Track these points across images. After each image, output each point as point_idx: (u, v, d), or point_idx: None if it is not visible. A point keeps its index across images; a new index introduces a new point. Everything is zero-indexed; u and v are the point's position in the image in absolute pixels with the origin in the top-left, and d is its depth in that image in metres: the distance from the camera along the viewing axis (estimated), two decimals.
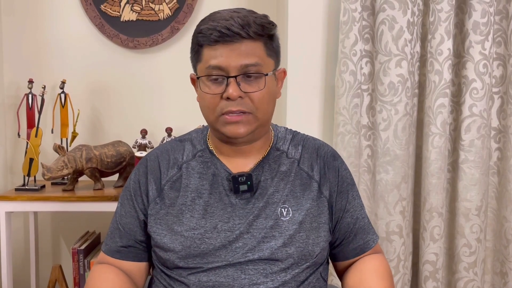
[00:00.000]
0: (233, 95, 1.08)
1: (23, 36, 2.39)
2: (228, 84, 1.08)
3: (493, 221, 2.07)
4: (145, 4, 2.37)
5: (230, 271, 1.13)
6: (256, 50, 1.10)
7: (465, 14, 1.95)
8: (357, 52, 1.92)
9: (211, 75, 1.09)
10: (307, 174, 1.20)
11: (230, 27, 1.06)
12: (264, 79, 1.11)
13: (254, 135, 1.15)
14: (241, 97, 1.09)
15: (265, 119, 1.14)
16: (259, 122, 1.13)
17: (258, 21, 1.10)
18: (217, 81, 1.10)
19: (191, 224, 1.14)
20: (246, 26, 1.07)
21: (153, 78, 2.41)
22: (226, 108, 1.09)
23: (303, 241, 1.15)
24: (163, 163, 1.21)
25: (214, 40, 1.07)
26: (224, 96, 1.09)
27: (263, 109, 1.12)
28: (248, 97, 1.10)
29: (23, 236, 2.47)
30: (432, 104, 1.95)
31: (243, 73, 1.09)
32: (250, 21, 1.08)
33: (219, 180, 1.17)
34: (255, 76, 1.10)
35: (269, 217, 1.15)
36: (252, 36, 1.08)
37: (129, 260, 1.22)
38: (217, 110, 1.10)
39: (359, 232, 1.24)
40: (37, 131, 2.14)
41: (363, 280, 1.18)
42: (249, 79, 1.09)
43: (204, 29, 1.09)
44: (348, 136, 1.94)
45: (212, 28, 1.08)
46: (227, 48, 1.08)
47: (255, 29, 1.08)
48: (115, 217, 1.24)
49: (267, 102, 1.13)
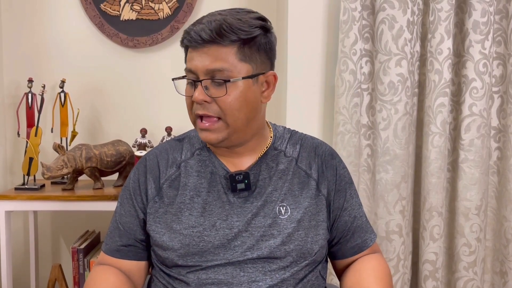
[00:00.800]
0: (197, 99, 1.10)
1: (22, 35, 2.38)
2: (195, 88, 1.11)
3: (493, 220, 2.07)
4: (145, 3, 2.36)
5: (229, 269, 1.13)
6: (224, 55, 1.09)
7: (465, 14, 1.95)
8: (357, 51, 1.92)
9: (187, 78, 1.14)
10: (305, 172, 1.21)
11: (199, 32, 1.08)
12: (240, 83, 1.10)
13: (231, 141, 1.15)
14: (207, 101, 1.11)
15: (237, 125, 1.12)
16: (230, 128, 1.12)
17: (235, 23, 1.09)
18: (190, 83, 1.14)
19: (189, 222, 1.15)
20: (217, 31, 1.07)
21: (153, 78, 2.41)
22: (195, 111, 1.13)
23: (301, 239, 1.15)
24: (162, 162, 1.22)
25: (187, 44, 1.13)
26: (192, 99, 1.12)
27: (233, 115, 1.11)
28: (215, 102, 1.11)
29: (22, 235, 2.46)
30: (432, 104, 1.95)
31: (209, 77, 1.10)
32: (225, 26, 1.08)
33: (217, 179, 1.18)
34: (223, 81, 1.09)
35: (267, 216, 1.15)
36: (220, 42, 1.08)
37: (129, 259, 1.22)
38: (193, 112, 1.15)
39: (357, 230, 1.25)
40: (37, 130, 2.14)
41: (361, 280, 1.19)
42: (217, 83, 1.10)
43: (185, 31, 1.13)
44: (348, 136, 1.94)
45: (188, 31, 1.12)
46: (197, 53, 1.10)
47: (226, 34, 1.08)
48: (114, 217, 1.25)
49: (238, 108, 1.11)
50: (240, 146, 1.18)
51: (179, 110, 2.39)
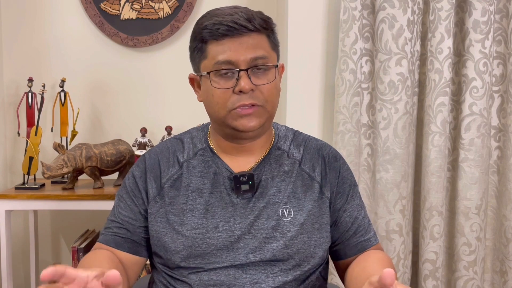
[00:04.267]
0: (246, 88, 1.07)
1: (23, 35, 2.38)
2: (239, 78, 1.08)
3: (493, 219, 2.07)
4: (145, 3, 2.36)
5: (231, 271, 1.12)
6: (262, 43, 1.10)
7: (465, 13, 1.95)
8: (357, 50, 1.92)
9: (221, 70, 1.08)
10: (309, 175, 1.20)
11: (236, 21, 1.06)
12: (274, 71, 1.12)
13: (263, 128, 1.15)
14: (252, 90, 1.09)
15: (273, 112, 1.15)
16: (268, 114, 1.13)
17: (259, 15, 1.11)
18: (226, 76, 1.09)
19: (192, 224, 1.13)
20: (252, 19, 1.08)
21: (153, 77, 2.41)
22: (238, 102, 1.08)
23: (304, 242, 1.14)
24: (163, 161, 1.20)
25: (221, 35, 1.07)
26: (236, 90, 1.08)
27: (272, 101, 1.13)
28: (258, 89, 1.09)
29: (23, 234, 2.47)
30: (432, 103, 1.95)
31: (252, 66, 1.09)
32: (253, 14, 1.09)
33: (221, 179, 1.16)
34: (264, 68, 1.10)
35: (270, 218, 1.14)
36: (258, 29, 1.08)
37: (124, 251, 1.19)
38: (228, 105, 1.09)
39: (358, 230, 1.23)
40: (37, 130, 2.14)
41: (366, 267, 1.15)
42: (258, 71, 1.09)
43: (209, 24, 1.08)
44: (348, 135, 1.94)
45: (218, 23, 1.07)
46: (236, 42, 1.07)
47: (260, 21, 1.09)
48: (112, 212, 1.22)
49: (276, 94, 1.14)
50: (254, 139, 1.17)
51: (179, 109, 2.40)
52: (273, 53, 1.13)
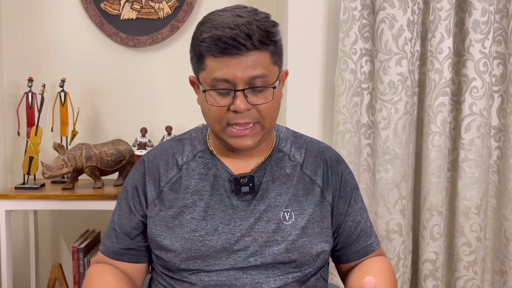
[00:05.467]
0: (241, 108, 1.05)
1: (22, 35, 2.38)
2: (235, 97, 1.05)
3: (493, 219, 2.07)
4: (145, 3, 2.36)
5: (232, 272, 1.12)
6: (262, 60, 1.05)
7: (465, 13, 1.95)
8: (357, 50, 1.92)
9: (218, 88, 1.06)
10: (310, 178, 1.18)
11: (236, 38, 1.01)
12: (271, 91, 1.08)
13: (260, 143, 1.13)
14: (248, 109, 1.06)
15: (271, 126, 1.12)
16: (265, 130, 1.11)
17: (262, 26, 1.04)
18: (223, 93, 1.06)
19: (191, 226, 1.13)
20: (252, 35, 1.02)
21: (153, 77, 2.41)
22: (233, 120, 1.07)
23: (305, 246, 1.14)
24: (162, 164, 1.19)
25: (219, 52, 1.02)
26: (232, 108, 1.06)
27: (270, 118, 1.10)
28: (255, 108, 1.07)
29: (23, 234, 2.47)
30: (432, 103, 1.95)
31: (250, 85, 1.05)
32: (254, 29, 1.02)
33: (220, 182, 1.16)
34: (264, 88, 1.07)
35: (271, 221, 1.13)
36: (258, 47, 1.03)
37: (126, 262, 1.20)
38: (223, 121, 1.08)
39: (361, 235, 1.23)
40: (37, 130, 2.14)
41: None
42: (256, 90, 1.06)
43: (207, 38, 1.03)
44: (348, 135, 1.94)
45: (217, 38, 1.02)
46: (234, 61, 1.03)
47: (260, 37, 1.03)
48: (112, 217, 1.23)
49: (274, 110, 1.10)
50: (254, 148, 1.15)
51: (179, 109, 2.40)
52: (274, 68, 1.08)
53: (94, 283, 1.15)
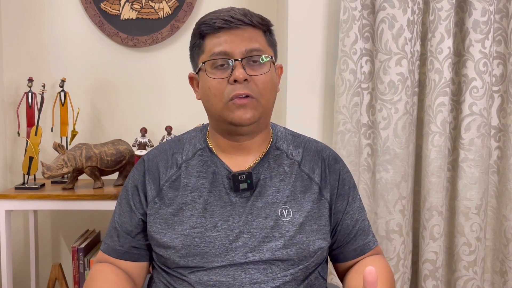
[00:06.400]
0: (240, 77, 1.09)
1: (22, 35, 2.38)
2: (234, 68, 1.10)
3: (493, 219, 2.07)
4: (145, 3, 2.36)
5: (230, 271, 1.13)
6: (258, 37, 1.14)
7: (465, 13, 1.95)
8: (357, 50, 1.92)
9: (216, 61, 1.11)
10: (308, 176, 1.20)
11: (233, 15, 1.11)
12: (269, 64, 1.14)
13: (258, 124, 1.16)
14: (246, 80, 1.10)
15: (268, 107, 1.16)
16: (263, 108, 1.14)
17: (256, 14, 1.15)
18: (222, 67, 1.11)
19: (191, 223, 1.14)
20: (247, 14, 1.13)
21: (153, 77, 2.41)
22: (233, 92, 1.10)
23: (303, 242, 1.15)
24: (162, 163, 1.21)
25: (218, 28, 1.11)
26: (231, 79, 1.10)
27: (267, 95, 1.14)
28: (253, 81, 1.11)
29: (23, 234, 2.47)
30: (432, 103, 1.95)
31: (247, 56, 1.11)
32: (250, 11, 1.14)
33: (219, 179, 1.17)
34: (259, 61, 1.12)
35: (269, 217, 1.15)
36: (254, 24, 1.13)
37: (127, 260, 1.22)
38: (224, 96, 1.11)
39: (359, 233, 1.24)
40: (37, 130, 2.14)
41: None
42: (253, 63, 1.12)
43: (206, 19, 1.13)
44: (348, 135, 1.94)
45: (214, 17, 1.12)
46: (231, 35, 1.11)
47: (256, 18, 1.13)
48: (113, 217, 1.25)
49: (270, 89, 1.15)
50: (251, 137, 1.18)
51: (179, 109, 2.40)
52: (269, 49, 1.16)
53: (97, 284, 1.16)
